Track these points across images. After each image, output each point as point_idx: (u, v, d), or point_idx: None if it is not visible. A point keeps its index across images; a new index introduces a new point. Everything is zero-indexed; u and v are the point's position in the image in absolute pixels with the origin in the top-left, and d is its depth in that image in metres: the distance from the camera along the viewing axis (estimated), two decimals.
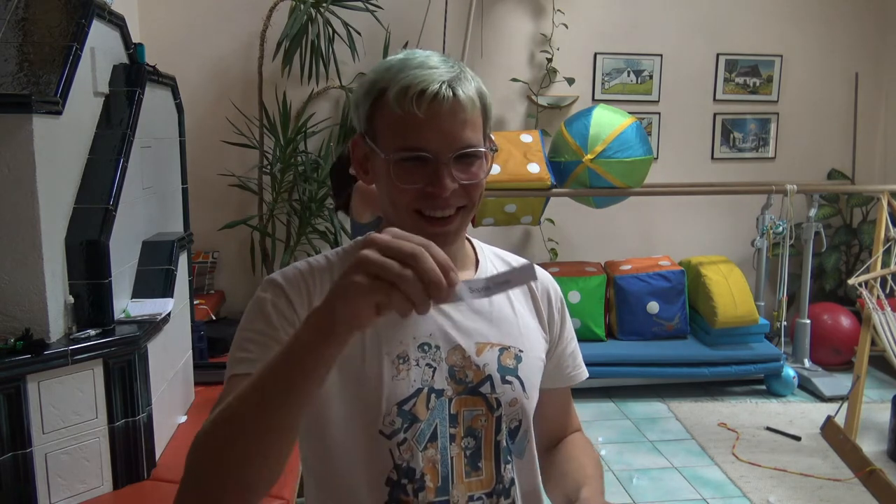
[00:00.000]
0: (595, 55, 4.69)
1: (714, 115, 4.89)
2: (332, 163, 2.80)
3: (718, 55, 4.82)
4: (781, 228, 4.20)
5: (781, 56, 4.87)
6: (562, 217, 4.65)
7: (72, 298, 2.09)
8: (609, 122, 3.95)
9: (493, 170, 1.77)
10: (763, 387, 4.22)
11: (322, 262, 1.00)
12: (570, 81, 4.55)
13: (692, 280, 4.31)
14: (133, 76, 2.52)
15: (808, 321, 4.29)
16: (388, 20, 4.22)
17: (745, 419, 3.79)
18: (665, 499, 3.02)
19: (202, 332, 3.22)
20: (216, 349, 3.31)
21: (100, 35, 2.37)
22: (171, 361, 2.56)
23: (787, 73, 4.90)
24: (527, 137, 4.09)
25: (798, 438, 3.53)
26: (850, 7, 4.91)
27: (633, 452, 3.43)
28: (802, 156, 4.98)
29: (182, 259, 2.72)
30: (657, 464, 3.32)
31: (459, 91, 0.90)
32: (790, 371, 4.13)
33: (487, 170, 0.95)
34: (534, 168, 3.93)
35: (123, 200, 2.27)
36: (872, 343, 3.54)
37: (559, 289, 1.13)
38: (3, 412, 1.87)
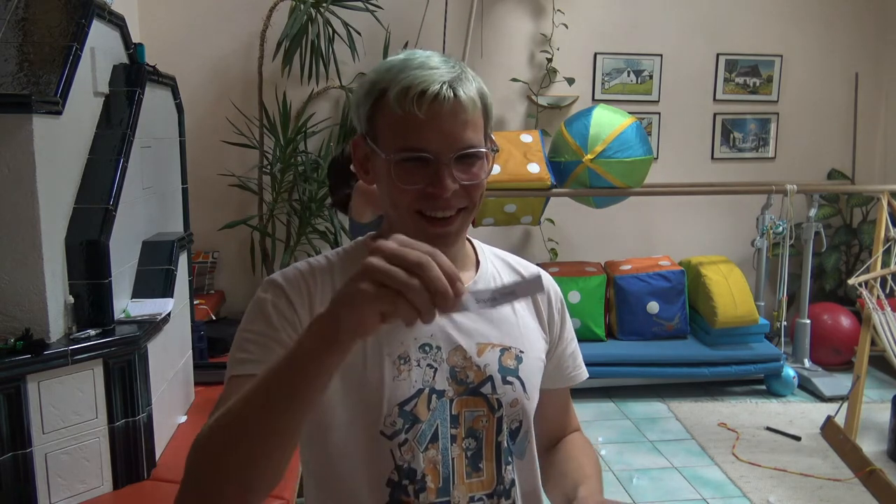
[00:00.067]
0: (595, 55, 4.69)
1: (714, 115, 4.89)
2: (330, 160, 2.79)
3: (718, 55, 4.82)
4: (781, 228, 4.20)
5: (781, 56, 4.87)
6: (562, 217, 4.65)
7: (72, 298, 2.09)
8: (609, 122, 3.95)
9: (494, 170, 1.77)
10: (763, 387, 4.21)
11: (322, 263, 1.00)
12: (570, 81, 4.55)
13: (692, 280, 4.31)
14: (133, 76, 2.52)
15: (808, 321, 4.29)
16: (388, 20, 4.22)
17: (745, 419, 3.78)
18: (665, 499, 3.02)
19: (202, 332, 3.22)
20: (216, 349, 3.31)
21: (100, 35, 2.37)
22: (171, 361, 2.56)
23: (787, 73, 4.90)
24: (527, 137, 4.09)
25: (798, 438, 3.53)
26: (850, 7, 4.91)
27: (633, 452, 3.43)
28: (802, 156, 4.98)
29: (182, 259, 2.72)
30: (657, 464, 3.32)
31: (460, 91, 0.90)
32: (790, 371, 4.13)
33: (488, 170, 0.95)
34: (534, 168, 3.93)
35: (123, 200, 2.27)
36: (872, 343, 3.54)
37: (559, 289, 1.13)
38: (3, 412, 1.87)
